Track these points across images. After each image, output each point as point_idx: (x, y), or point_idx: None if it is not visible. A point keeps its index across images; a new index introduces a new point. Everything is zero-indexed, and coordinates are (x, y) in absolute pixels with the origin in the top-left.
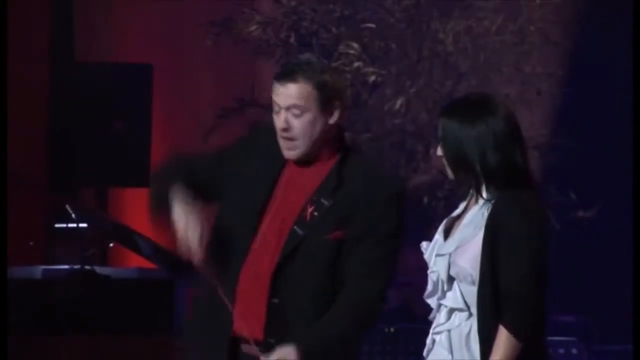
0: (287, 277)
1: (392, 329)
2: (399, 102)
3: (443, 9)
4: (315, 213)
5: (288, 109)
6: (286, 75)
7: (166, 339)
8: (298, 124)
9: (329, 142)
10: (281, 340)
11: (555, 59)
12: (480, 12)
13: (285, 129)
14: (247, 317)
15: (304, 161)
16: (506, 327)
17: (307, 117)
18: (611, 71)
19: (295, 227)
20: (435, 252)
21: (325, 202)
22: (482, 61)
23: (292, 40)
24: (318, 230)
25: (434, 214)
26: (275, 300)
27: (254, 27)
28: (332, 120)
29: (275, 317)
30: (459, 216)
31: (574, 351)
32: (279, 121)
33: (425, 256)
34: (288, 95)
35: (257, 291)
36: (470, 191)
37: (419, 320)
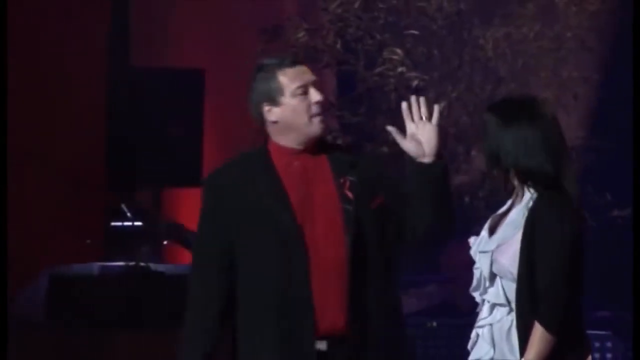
0: (357, 255)
1: (434, 324)
2: (440, 106)
3: (483, 16)
4: (351, 190)
5: (314, 84)
6: (294, 60)
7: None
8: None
9: None
10: (362, 310)
11: (591, 63)
12: (519, 19)
13: (319, 102)
14: (326, 312)
15: (306, 150)
16: (539, 321)
17: None
18: None
19: (346, 206)
20: (480, 248)
21: (353, 179)
22: (520, 66)
23: (338, 46)
24: (361, 203)
25: (475, 213)
26: (356, 281)
27: (301, 34)
28: None
29: (355, 296)
30: (505, 213)
31: (609, 344)
32: (313, 96)
33: (472, 251)
34: (307, 72)
35: (334, 283)
36: (515, 189)
37: (461, 316)
